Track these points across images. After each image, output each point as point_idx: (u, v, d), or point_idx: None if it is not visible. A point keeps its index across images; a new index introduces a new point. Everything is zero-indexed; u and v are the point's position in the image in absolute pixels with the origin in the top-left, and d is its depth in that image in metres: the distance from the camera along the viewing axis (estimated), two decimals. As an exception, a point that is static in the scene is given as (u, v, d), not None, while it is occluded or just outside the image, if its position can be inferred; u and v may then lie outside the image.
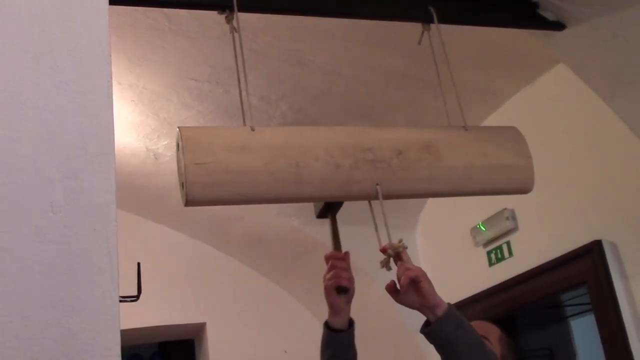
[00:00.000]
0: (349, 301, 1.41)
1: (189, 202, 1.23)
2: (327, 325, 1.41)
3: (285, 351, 3.80)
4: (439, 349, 1.31)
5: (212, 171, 1.23)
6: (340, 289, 1.38)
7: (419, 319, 1.36)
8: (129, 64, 2.42)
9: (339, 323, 1.40)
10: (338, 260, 1.40)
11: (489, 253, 2.92)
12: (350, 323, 1.42)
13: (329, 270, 1.39)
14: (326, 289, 1.39)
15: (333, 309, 1.40)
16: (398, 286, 1.29)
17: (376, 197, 1.34)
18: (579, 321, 3.95)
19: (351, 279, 1.40)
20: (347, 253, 1.42)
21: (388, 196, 1.35)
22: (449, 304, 1.30)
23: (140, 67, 2.44)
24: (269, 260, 3.86)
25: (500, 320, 2.95)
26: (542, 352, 3.82)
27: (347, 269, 1.40)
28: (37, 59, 0.79)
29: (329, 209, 1.47)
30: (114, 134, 0.77)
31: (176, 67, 2.46)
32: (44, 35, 0.81)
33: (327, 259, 1.41)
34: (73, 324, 0.70)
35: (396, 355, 3.50)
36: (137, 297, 2.56)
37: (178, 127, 1.27)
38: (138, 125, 2.83)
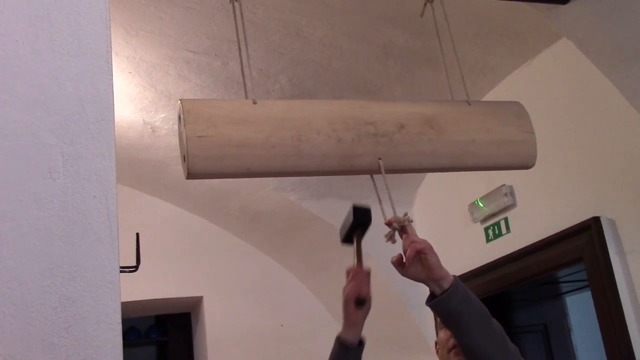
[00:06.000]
0: (364, 316, 1.41)
1: (190, 175, 1.22)
2: (339, 340, 1.42)
3: (282, 325, 3.83)
4: (446, 321, 1.31)
5: (214, 144, 1.21)
6: (359, 301, 1.38)
7: (416, 294, 1.35)
8: (126, 34, 2.38)
9: (352, 338, 1.40)
10: (360, 272, 1.41)
11: (486, 229, 2.92)
12: (361, 342, 1.43)
13: (350, 281, 1.40)
14: (345, 300, 1.39)
15: (348, 322, 1.40)
16: (404, 259, 1.28)
17: (378, 172, 1.33)
18: (574, 298, 3.98)
19: (370, 293, 1.40)
20: (369, 269, 1.42)
21: (390, 170, 1.34)
22: (454, 276, 1.29)
23: (137, 38, 2.41)
24: (266, 235, 3.86)
25: (496, 296, 2.98)
26: (537, 327, 3.86)
27: (368, 282, 1.40)
28: (33, 22, 0.77)
29: (353, 233, 1.45)
30: (113, 100, 0.75)
31: (174, 38, 2.42)
32: (40, -3, 0.79)
33: (349, 272, 1.42)
34: (72, 291, 0.69)
35: (392, 330, 3.52)
36: (136, 267, 2.56)
37: (180, 100, 1.25)
38: (135, 98, 2.80)
